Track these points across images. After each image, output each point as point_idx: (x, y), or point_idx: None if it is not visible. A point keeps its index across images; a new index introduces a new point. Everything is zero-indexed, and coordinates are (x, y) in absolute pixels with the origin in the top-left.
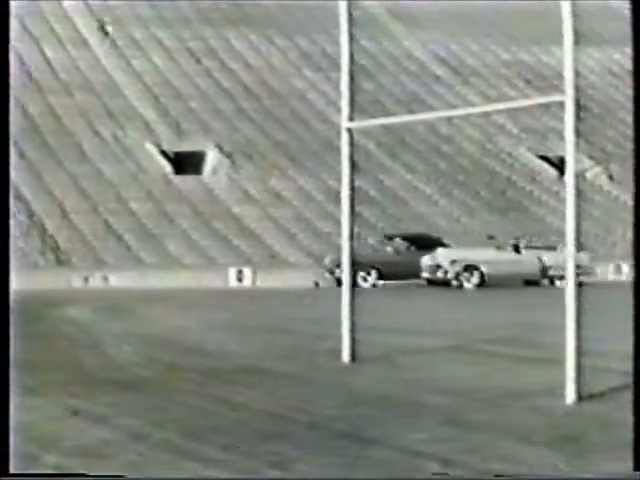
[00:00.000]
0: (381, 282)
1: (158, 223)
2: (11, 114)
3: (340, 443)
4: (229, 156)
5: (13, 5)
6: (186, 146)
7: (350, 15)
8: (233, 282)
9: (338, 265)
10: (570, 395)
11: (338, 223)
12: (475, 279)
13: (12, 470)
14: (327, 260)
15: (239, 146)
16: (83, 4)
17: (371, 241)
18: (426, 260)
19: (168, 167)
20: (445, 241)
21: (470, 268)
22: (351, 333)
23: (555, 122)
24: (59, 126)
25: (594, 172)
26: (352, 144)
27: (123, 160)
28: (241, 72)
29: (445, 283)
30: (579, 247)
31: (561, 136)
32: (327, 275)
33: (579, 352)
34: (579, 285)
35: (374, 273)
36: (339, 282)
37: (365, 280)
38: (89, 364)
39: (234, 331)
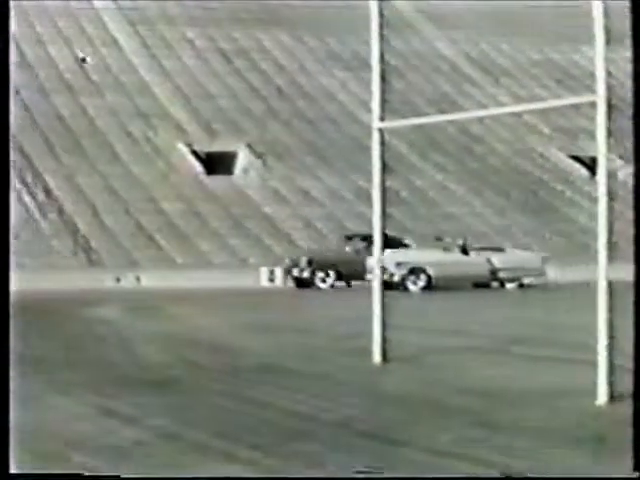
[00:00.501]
0: (339, 283)
1: (189, 223)
2: (44, 115)
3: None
4: (260, 156)
5: (47, 5)
6: (217, 146)
7: (381, 15)
8: (264, 282)
9: (295, 265)
10: (602, 396)
11: (368, 223)
12: (421, 282)
13: (12, 470)
14: (286, 260)
15: (270, 146)
16: (114, 4)
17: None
18: (371, 262)
19: (199, 167)
20: (407, 242)
21: (416, 270)
22: (382, 332)
23: (586, 122)
24: (91, 127)
25: (626, 172)
26: (383, 144)
27: (154, 160)
28: (272, 72)
29: (391, 286)
30: (528, 249)
31: (592, 136)
32: (271, 277)
33: (611, 352)
34: (521, 286)
35: (333, 274)
36: (298, 282)
37: (324, 281)
38: (119, 363)
39: (265, 330)
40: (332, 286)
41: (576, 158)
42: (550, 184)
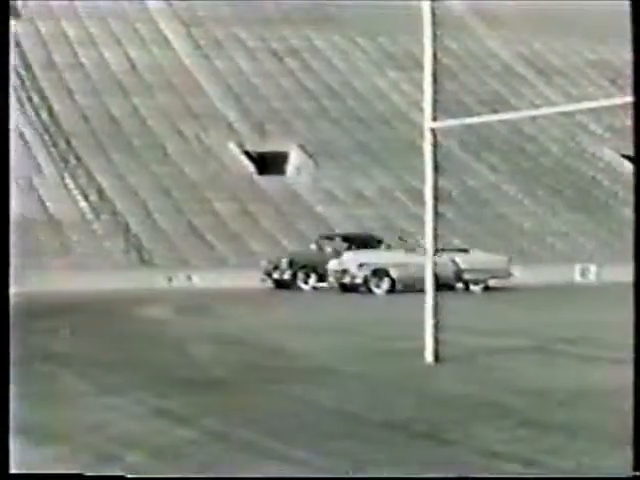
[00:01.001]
0: (321, 284)
1: (241, 223)
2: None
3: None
4: (312, 156)
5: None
6: (269, 146)
7: (433, 15)
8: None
9: (276, 267)
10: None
11: (421, 223)
12: (385, 284)
13: (12, 470)
14: (263, 262)
15: (322, 146)
16: (166, 5)
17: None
18: (333, 265)
19: (251, 167)
20: (386, 241)
21: (379, 272)
22: (434, 333)
23: None
24: (143, 127)
25: None
26: (435, 144)
27: (206, 160)
28: (323, 72)
29: (353, 288)
30: (494, 251)
31: None
32: (263, 277)
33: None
34: (486, 288)
35: (314, 275)
36: (277, 284)
37: (306, 282)
38: (170, 363)
39: (317, 331)
40: (314, 288)
41: (629, 157)
42: (603, 183)
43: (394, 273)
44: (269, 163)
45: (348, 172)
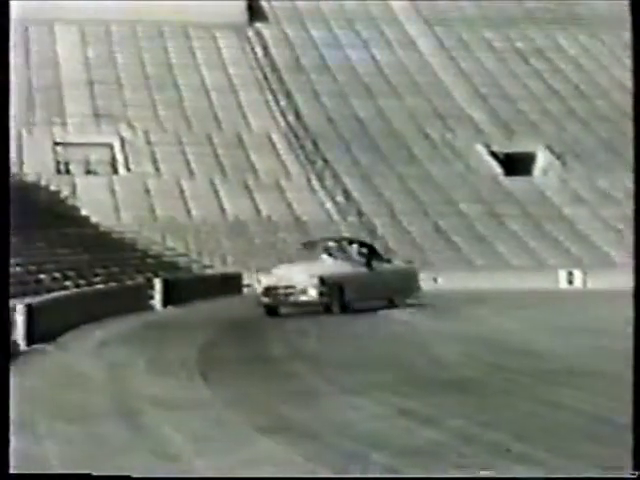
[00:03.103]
0: None
1: (487, 224)
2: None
3: None
4: (559, 157)
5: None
6: (516, 147)
7: None
8: (563, 284)
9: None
10: None
11: None
12: (337, 301)
13: (13, 470)
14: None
15: (569, 146)
16: (410, 5)
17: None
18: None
19: (498, 168)
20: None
21: (333, 287)
22: None
23: None
24: (389, 128)
25: None
26: None
27: (452, 162)
28: (570, 72)
29: (297, 305)
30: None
31: None
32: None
33: None
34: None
35: None
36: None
37: None
38: (416, 364)
39: (560, 333)
40: None
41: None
42: None
43: (347, 288)
44: (516, 164)
45: (595, 172)
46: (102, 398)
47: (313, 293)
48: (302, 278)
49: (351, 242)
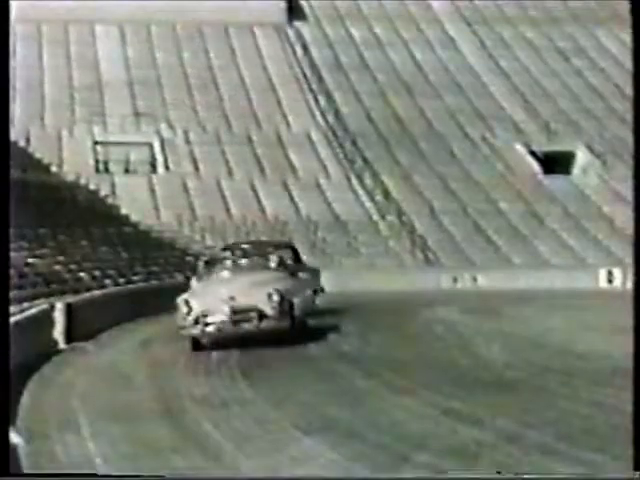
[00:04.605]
0: None
1: (527, 224)
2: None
3: None
4: (599, 156)
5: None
6: (555, 146)
7: None
8: (603, 283)
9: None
10: None
11: None
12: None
13: (12, 470)
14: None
15: (609, 146)
16: (450, 4)
17: None
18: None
19: (537, 167)
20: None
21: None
22: None
23: None
24: (429, 128)
25: None
26: None
27: (492, 161)
28: (611, 71)
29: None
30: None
31: None
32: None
33: None
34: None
35: None
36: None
37: None
38: (459, 364)
39: (604, 332)
40: None
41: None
42: None
43: (296, 305)
44: (555, 163)
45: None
46: (146, 397)
47: (274, 315)
48: (258, 297)
49: (277, 246)
